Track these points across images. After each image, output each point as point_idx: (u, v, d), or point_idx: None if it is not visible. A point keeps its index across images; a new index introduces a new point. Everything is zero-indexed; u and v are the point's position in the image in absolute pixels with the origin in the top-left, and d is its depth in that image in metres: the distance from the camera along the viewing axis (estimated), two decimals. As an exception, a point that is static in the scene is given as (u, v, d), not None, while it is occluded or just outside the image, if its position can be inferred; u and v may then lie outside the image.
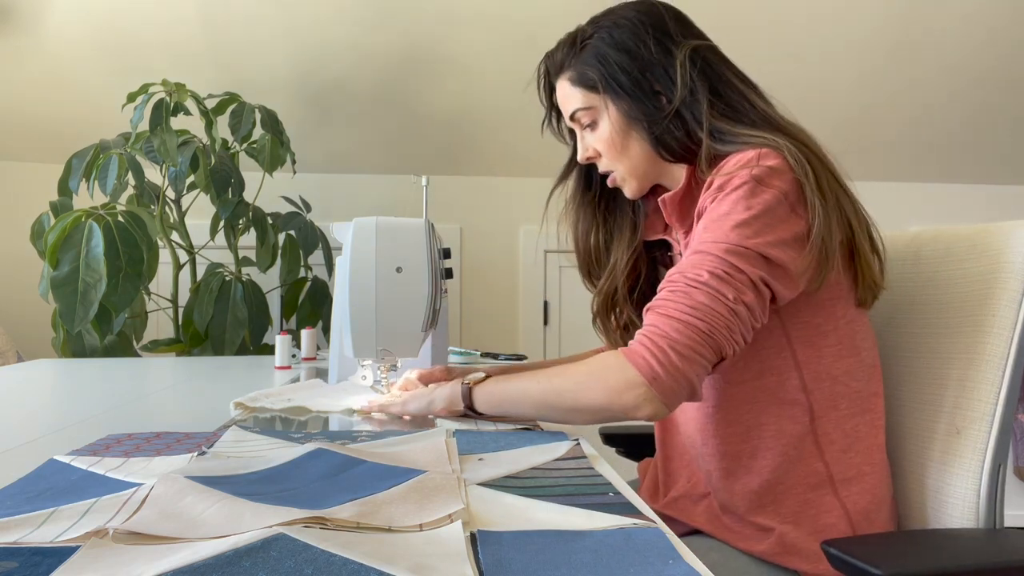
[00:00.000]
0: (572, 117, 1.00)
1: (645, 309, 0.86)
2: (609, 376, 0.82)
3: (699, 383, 0.81)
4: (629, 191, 1.02)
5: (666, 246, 1.08)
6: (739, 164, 0.86)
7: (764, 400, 0.92)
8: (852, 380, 0.92)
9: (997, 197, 2.74)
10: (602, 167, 1.02)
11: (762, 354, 0.91)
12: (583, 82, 0.97)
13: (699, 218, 0.90)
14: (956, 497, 0.89)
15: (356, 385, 1.13)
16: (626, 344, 1.12)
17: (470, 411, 0.94)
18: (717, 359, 0.82)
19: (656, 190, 1.06)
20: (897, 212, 2.69)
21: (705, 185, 0.90)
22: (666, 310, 0.82)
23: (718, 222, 0.84)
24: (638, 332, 0.83)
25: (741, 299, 0.80)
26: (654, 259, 1.09)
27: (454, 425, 0.89)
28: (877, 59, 2.32)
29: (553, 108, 1.08)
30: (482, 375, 0.95)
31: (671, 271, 0.86)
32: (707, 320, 0.80)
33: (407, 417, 0.98)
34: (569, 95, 0.99)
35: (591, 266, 1.12)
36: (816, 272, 0.86)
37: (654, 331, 0.81)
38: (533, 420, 0.92)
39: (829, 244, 0.85)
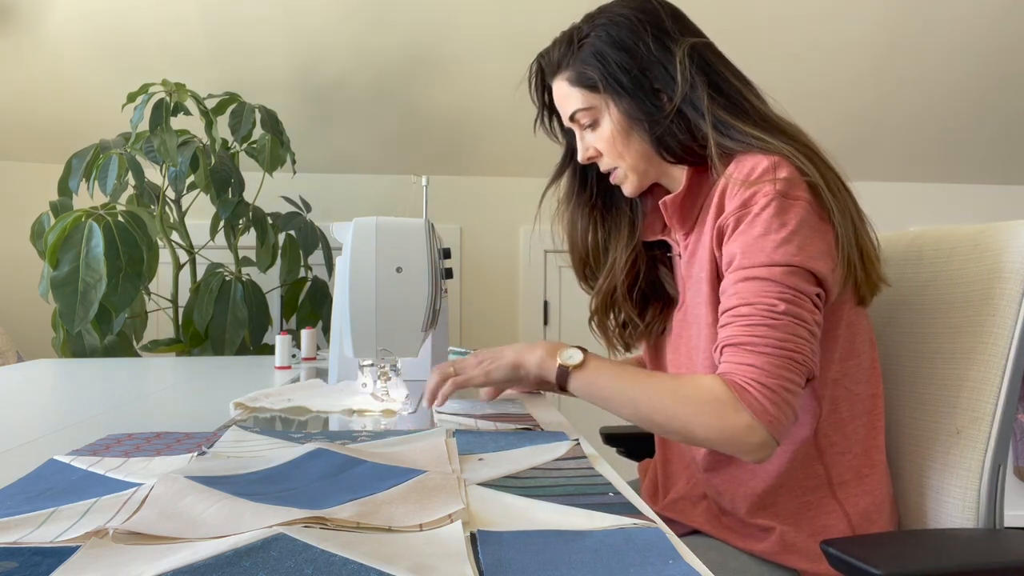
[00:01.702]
0: (572, 118, 0.99)
1: (724, 345, 0.84)
2: (724, 415, 0.80)
3: (799, 408, 0.83)
4: (629, 188, 1.01)
5: (665, 246, 1.08)
6: (756, 176, 0.85)
7: None
8: (852, 383, 0.92)
9: (997, 197, 2.74)
10: (603, 166, 1.01)
11: None
12: (583, 82, 0.95)
13: (719, 233, 0.89)
14: (956, 497, 0.89)
15: (354, 390, 1.13)
16: (626, 344, 1.12)
17: (560, 390, 0.91)
18: (806, 381, 0.83)
19: (654, 191, 1.06)
20: (897, 212, 2.69)
21: (717, 194, 0.89)
22: (756, 347, 0.81)
23: (757, 244, 0.83)
24: (738, 370, 0.81)
25: (814, 319, 0.82)
26: (653, 258, 1.09)
27: (455, 426, 0.89)
28: (875, 58, 2.32)
29: (546, 107, 1.07)
30: (579, 357, 0.90)
31: (732, 302, 0.84)
32: (799, 351, 0.80)
33: (484, 396, 0.99)
34: (568, 95, 0.98)
35: (587, 266, 1.11)
36: (844, 281, 0.87)
37: (756, 372, 0.80)
38: (625, 419, 0.90)
39: (850, 248, 0.85)
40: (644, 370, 0.91)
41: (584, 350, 0.91)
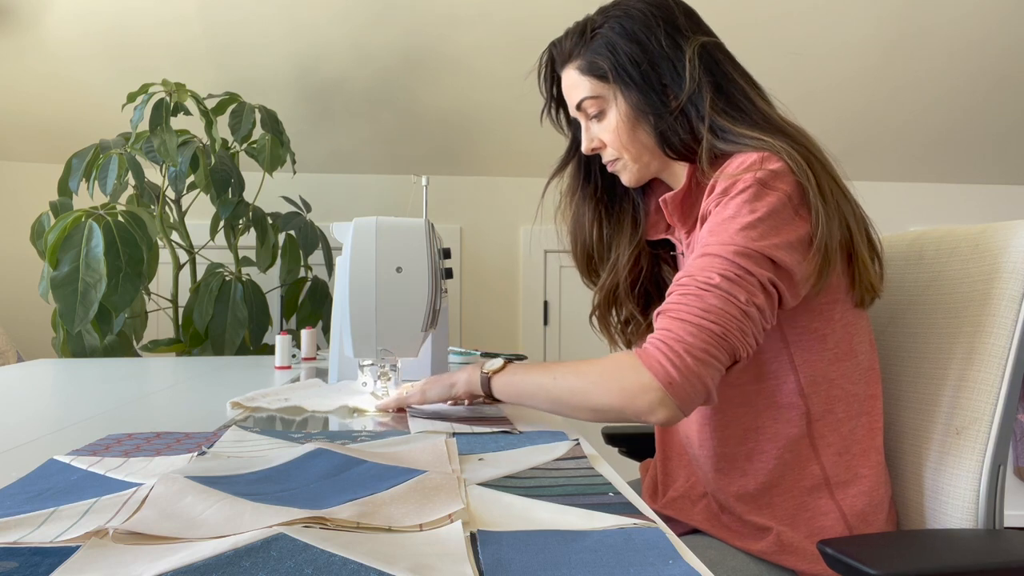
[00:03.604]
0: (579, 106, 0.99)
1: (656, 313, 0.85)
2: (623, 378, 0.81)
3: (714, 386, 0.81)
4: (628, 179, 1.01)
5: (669, 245, 1.08)
6: (742, 167, 0.86)
7: (761, 404, 0.92)
8: (849, 383, 0.92)
9: (997, 197, 2.74)
10: (606, 157, 1.02)
11: (760, 358, 0.91)
12: (593, 71, 0.96)
13: (702, 221, 0.90)
14: (956, 497, 0.89)
15: (354, 389, 1.13)
16: (627, 341, 1.13)
17: (489, 398, 0.94)
18: (731, 362, 0.82)
19: (656, 188, 1.06)
20: (897, 212, 2.69)
21: (708, 188, 0.90)
22: (678, 313, 0.81)
23: (724, 225, 0.84)
24: (651, 336, 0.83)
25: (752, 301, 0.81)
26: (657, 256, 1.09)
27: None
28: (876, 58, 2.32)
29: (553, 99, 1.08)
30: (500, 363, 0.94)
31: (679, 274, 0.85)
32: (721, 323, 0.79)
33: (426, 406, 0.99)
34: (577, 83, 0.98)
35: (590, 261, 1.11)
36: (818, 276, 0.86)
37: (668, 335, 0.80)
38: (549, 412, 0.92)
39: (831, 247, 0.85)
40: (563, 361, 0.92)
41: (509, 360, 0.94)
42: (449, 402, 1.01)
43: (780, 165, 0.85)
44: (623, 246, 1.07)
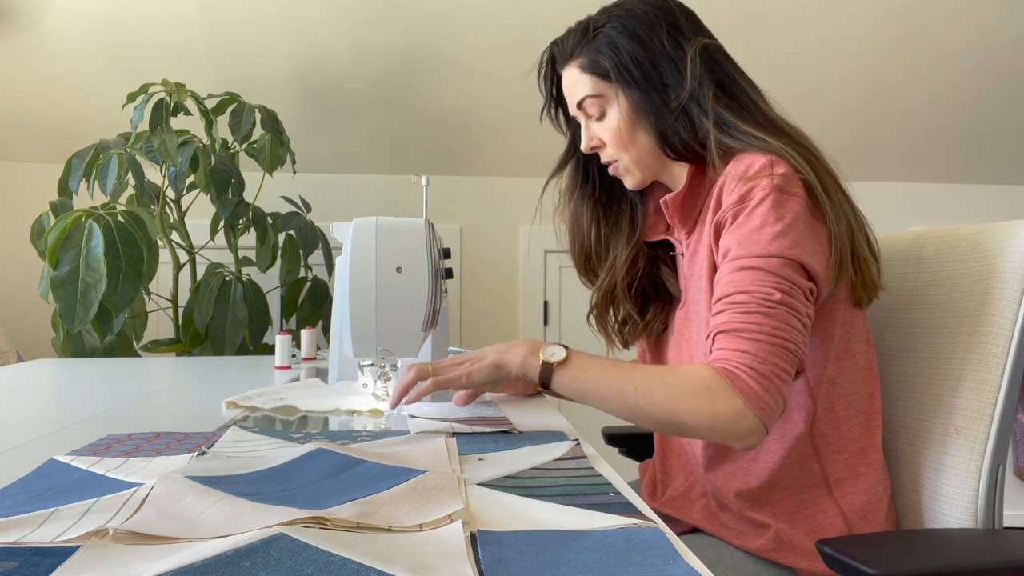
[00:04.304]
0: (579, 105, 0.99)
1: (717, 332, 0.83)
2: (716, 402, 0.79)
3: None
4: (631, 182, 1.02)
5: (668, 246, 1.08)
6: (753, 172, 0.85)
7: None
8: (848, 382, 0.93)
9: (997, 197, 2.74)
10: (605, 157, 1.02)
11: None
12: (594, 70, 0.96)
13: (715, 228, 0.89)
14: (955, 497, 0.89)
15: (354, 389, 1.13)
16: (624, 340, 1.13)
17: (543, 390, 0.89)
18: (796, 374, 0.83)
19: (655, 189, 1.06)
20: (897, 212, 2.69)
21: (716, 191, 0.90)
22: (751, 334, 0.80)
23: (753, 236, 0.83)
24: (731, 356, 0.81)
25: (807, 312, 0.82)
26: (656, 256, 1.09)
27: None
28: (875, 57, 2.32)
29: (553, 98, 1.08)
30: (563, 354, 0.87)
31: (727, 291, 0.83)
32: (793, 340, 0.80)
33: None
34: (578, 82, 0.98)
35: (588, 261, 1.11)
36: (836, 279, 0.87)
37: (749, 358, 0.79)
38: (614, 416, 0.88)
39: (843, 249, 0.86)
40: (630, 363, 0.90)
41: (566, 347, 0.88)
42: (455, 396, 1.00)
43: (787, 169, 0.85)
44: (620, 246, 1.07)
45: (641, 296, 1.09)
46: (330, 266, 2.32)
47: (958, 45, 2.29)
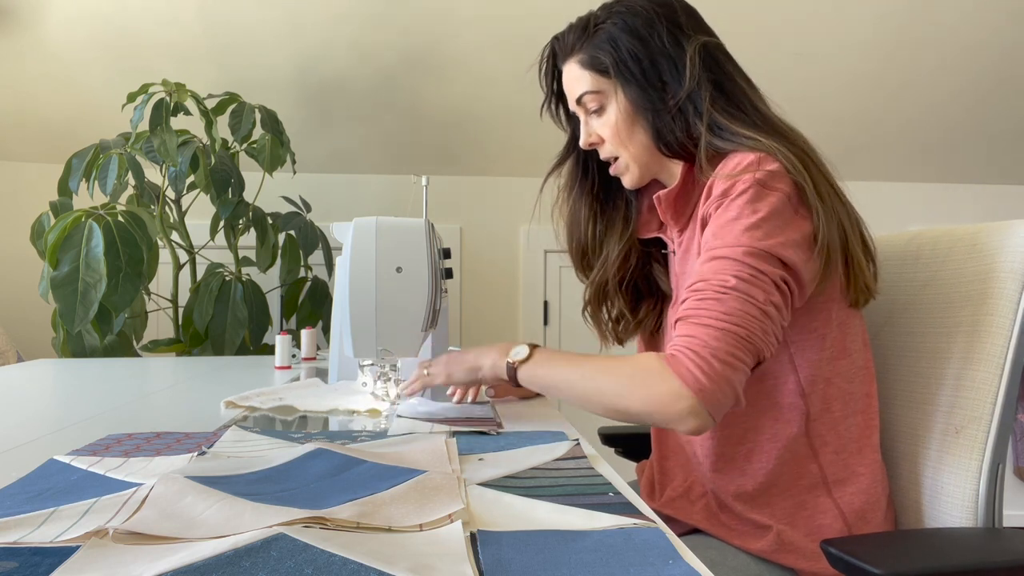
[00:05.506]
0: (579, 101, 1.00)
1: (674, 319, 0.85)
2: (653, 384, 0.80)
3: (742, 390, 0.81)
4: (629, 180, 1.02)
5: (662, 244, 1.08)
6: (740, 168, 0.86)
7: (762, 404, 0.92)
8: (845, 382, 0.93)
9: (997, 197, 2.74)
10: (604, 153, 1.02)
11: None
12: (594, 65, 0.97)
13: (702, 224, 0.90)
14: (955, 497, 0.89)
15: (353, 389, 1.13)
16: (618, 338, 1.13)
17: (514, 384, 0.94)
18: (755, 363, 0.82)
19: (651, 187, 1.06)
20: (897, 212, 2.69)
21: (705, 189, 0.90)
22: (700, 319, 0.81)
23: (727, 227, 0.84)
24: (675, 342, 0.82)
25: (770, 300, 0.81)
26: (648, 254, 1.10)
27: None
28: (876, 59, 2.32)
29: (553, 93, 1.08)
30: (525, 352, 0.93)
31: (692, 280, 0.84)
32: (743, 325, 0.79)
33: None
34: (578, 77, 0.99)
35: (584, 256, 1.12)
36: (822, 276, 0.86)
37: (693, 341, 0.80)
38: (572, 406, 0.91)
39: (832, 247, 0.85)
40: (589, 355, 0.91)
41: (534, 346, 0.93)
42: (449, 391, 1.05)
43: (777, 166, 0.85)
44: (612, 243, 1.08)
45: (633, 293, 1.09)
46: (330, 266, 2.32)
47: (958, 49, 2.29)
